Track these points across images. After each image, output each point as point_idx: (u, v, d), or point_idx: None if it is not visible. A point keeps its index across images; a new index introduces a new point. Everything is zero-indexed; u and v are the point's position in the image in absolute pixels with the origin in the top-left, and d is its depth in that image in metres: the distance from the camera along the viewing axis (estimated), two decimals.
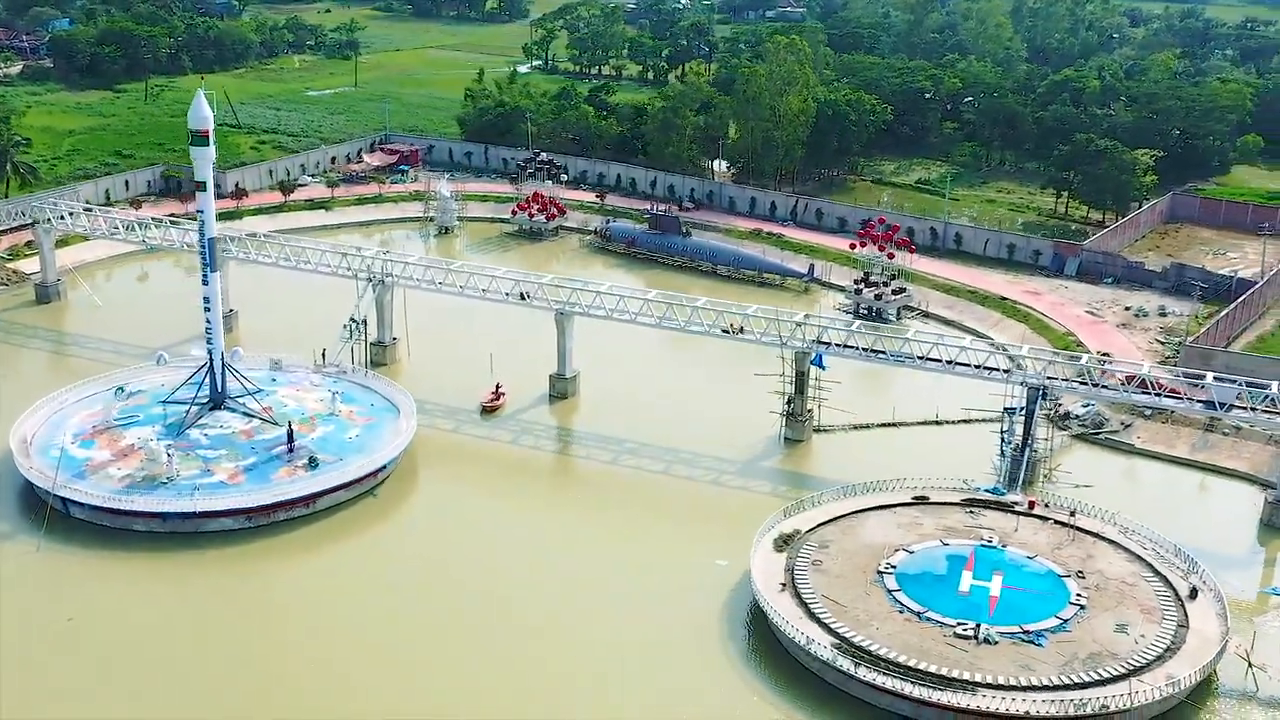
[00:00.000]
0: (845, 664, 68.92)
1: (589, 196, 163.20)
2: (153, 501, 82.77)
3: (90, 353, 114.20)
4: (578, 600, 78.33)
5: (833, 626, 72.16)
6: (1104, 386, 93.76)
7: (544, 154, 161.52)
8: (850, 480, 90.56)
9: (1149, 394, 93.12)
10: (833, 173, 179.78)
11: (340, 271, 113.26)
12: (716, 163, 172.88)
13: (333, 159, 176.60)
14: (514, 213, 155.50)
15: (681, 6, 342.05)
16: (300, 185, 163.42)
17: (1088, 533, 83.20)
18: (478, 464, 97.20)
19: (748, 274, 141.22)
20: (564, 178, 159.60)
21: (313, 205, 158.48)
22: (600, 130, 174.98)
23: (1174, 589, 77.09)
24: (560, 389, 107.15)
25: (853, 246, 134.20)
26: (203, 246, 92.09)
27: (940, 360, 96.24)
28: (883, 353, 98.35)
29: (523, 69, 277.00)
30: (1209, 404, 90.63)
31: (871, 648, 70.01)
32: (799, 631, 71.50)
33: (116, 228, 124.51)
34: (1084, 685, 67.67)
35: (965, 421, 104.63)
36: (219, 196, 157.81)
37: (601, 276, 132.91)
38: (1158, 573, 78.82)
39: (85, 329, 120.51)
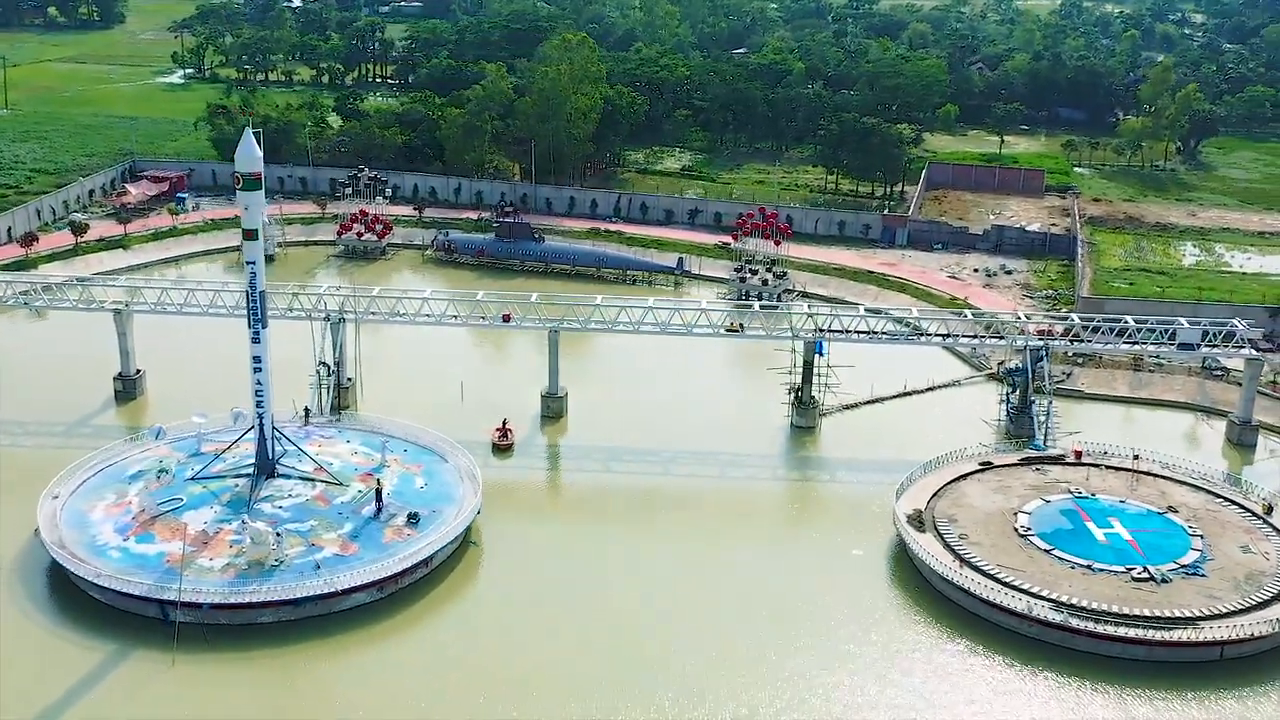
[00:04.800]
0: (1079, 623, 73.83)
1: (403, 210, 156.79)
2: (287, 588, 74.21)
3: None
4: (756, 619, 77.11)
5: (1036, 591, 76.73)
6: (1090, 340, 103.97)
7: (366, 169, 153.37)
8: (881, 457, 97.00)
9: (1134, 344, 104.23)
10: (602, 165, 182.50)
11: (289, 314, 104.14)
12: (516, 165, 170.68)
13: (90, 192, 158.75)
14: (340, 233, 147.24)
15: (294, 5, 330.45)
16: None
17: (1145, 473, 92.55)
18: (537, 496, 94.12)
19: (610, 273, 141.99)
20: (389, 193, 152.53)
21: (109, 245, 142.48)
22: (385, 140, 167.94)
23: (1247, 509, 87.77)
24: (555, 409, 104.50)
25: (735, 237, 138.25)
26: (253, 301, 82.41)
27: (952, 335, 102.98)
28: (886, 334, 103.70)
29: (174, 78, 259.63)
30: (1186, 346, 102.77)
31: (1083, 604, 75.36)
32: (1019, 600, 75.60)
33: None
34: (1267, 603, 76.40)
35: (931, 389, 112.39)
36: None
37: (471, 287, 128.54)
38: (1223, 497, 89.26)
39: None
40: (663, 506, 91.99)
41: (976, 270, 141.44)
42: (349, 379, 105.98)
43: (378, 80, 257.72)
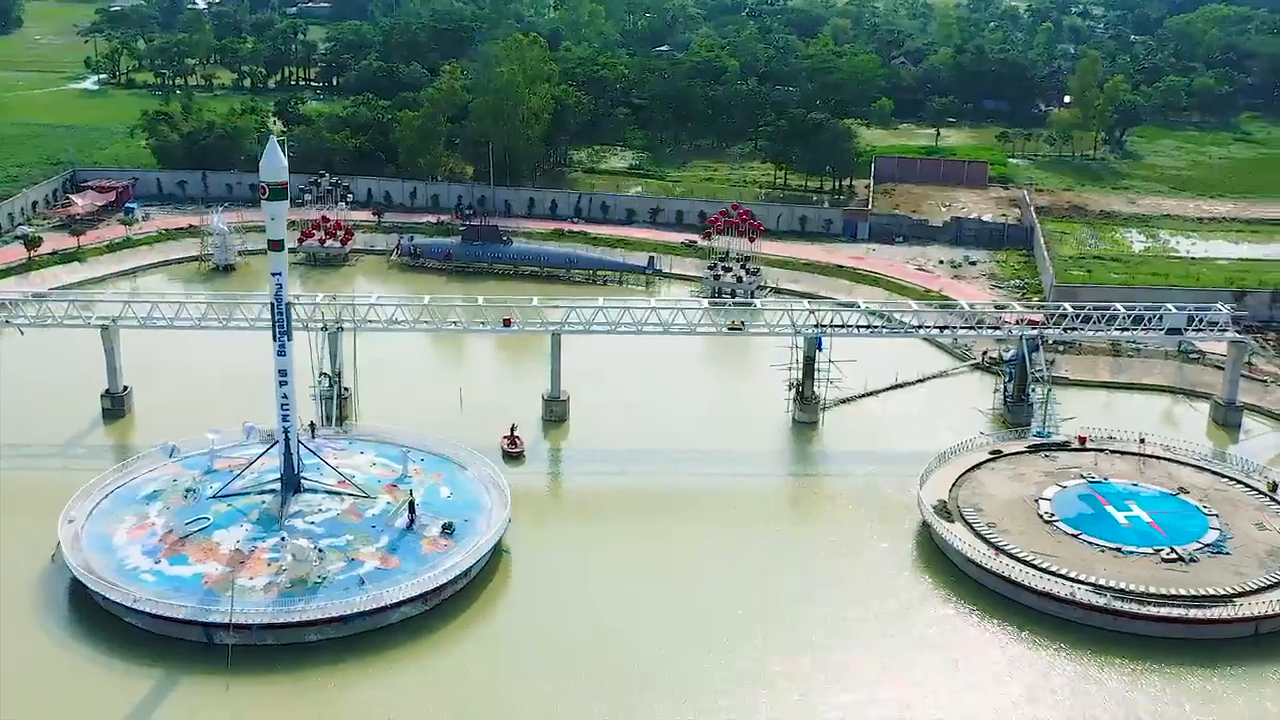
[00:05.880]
0: (1126, 606, 75.52)
1: (360, 215, 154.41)
2: (341, 605, 72.72)
3: None
4: (802, 620, 77.16)
5: (1076, 577, 78.26)
6: (1081, 329, 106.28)
7: (328, 174, 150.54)
8: (884, 448, 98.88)
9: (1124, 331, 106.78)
10: (549, 165, 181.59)
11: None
12: (469, 167, 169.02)
13: (34, 204, 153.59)
14: (301, 240, 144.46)
15: (202, 9, 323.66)
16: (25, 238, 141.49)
17: (1150, 456, 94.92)
18: (556, 502, 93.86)
19: (579, 274, 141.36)
20: (350, 198, 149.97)
21: (62, 258, 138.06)
22: (335, 144, 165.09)
23: (1253, 488, 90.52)
24: (558, 412, 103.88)
25: (706, 236, 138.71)
26: (278, 313, 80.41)
27: (950, 327, 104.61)
28: (885, 328, 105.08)
29: (88, 84, 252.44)
30: (1174, 331, 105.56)
31: (1123, 586, 77.09)
32: (1061, 585, 77.09)
33: None
34: None
35: (921, 381, 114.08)
36: None
37: (442, 292, 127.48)
38: (1228, 477, 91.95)
39: None
40: (682, 507, 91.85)
41: (941, 262, 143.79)
42: (346, 389, 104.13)
43: (302, 84, 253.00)
